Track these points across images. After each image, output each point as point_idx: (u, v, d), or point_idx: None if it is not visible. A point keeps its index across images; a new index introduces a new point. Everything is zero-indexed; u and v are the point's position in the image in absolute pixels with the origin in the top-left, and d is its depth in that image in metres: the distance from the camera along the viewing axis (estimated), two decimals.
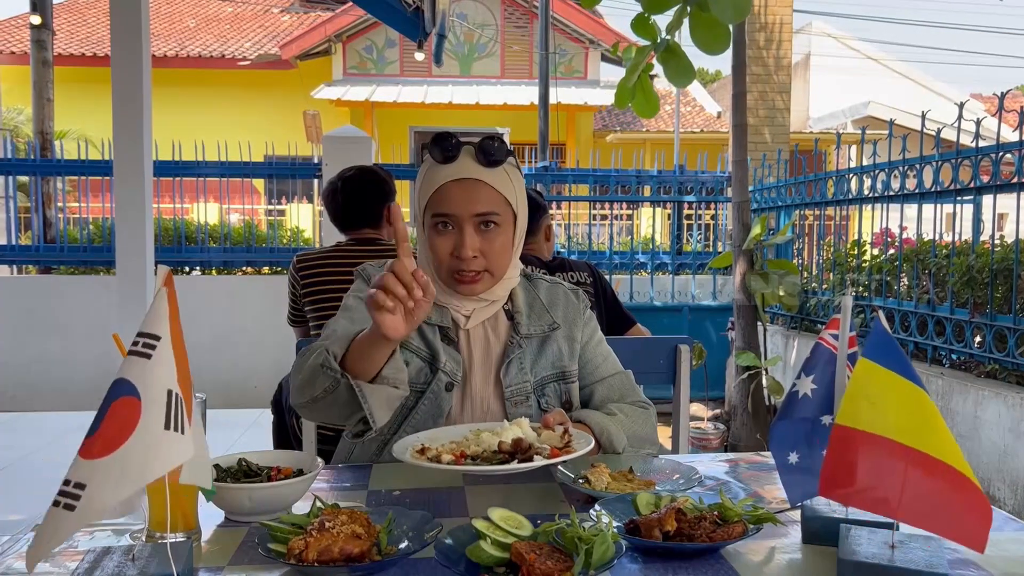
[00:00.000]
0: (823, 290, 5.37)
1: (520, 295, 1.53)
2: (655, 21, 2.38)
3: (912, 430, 0.87)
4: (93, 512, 0.74)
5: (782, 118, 7.68)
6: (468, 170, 1.38)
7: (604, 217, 7.00)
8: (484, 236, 1.39)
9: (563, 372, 1.50)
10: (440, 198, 1.38)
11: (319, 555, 0.88)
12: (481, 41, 13.89)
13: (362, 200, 2.68)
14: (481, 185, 1.38)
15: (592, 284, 2.76)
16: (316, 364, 1.28)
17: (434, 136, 1.39)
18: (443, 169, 1.38)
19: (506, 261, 1.44)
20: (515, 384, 1.45)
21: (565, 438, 1.22)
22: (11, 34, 13.50)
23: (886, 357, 0.89)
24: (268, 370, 5.35)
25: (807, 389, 1.06)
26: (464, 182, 1.38)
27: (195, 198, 6.33)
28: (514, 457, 1.14)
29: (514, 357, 1.46)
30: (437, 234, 1.40)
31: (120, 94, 3.89)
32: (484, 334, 1.49)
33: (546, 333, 1.50)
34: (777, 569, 0.96)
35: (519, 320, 1.50)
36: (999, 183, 3.59)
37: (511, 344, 1.47)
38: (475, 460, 1.16)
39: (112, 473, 0.74)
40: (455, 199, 1.37)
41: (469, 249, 1.37)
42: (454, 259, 1.39)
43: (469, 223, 1.38)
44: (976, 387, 3.57)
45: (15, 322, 5.84)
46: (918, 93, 15.47)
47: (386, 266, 1.18)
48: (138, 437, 0.76)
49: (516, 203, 1.43)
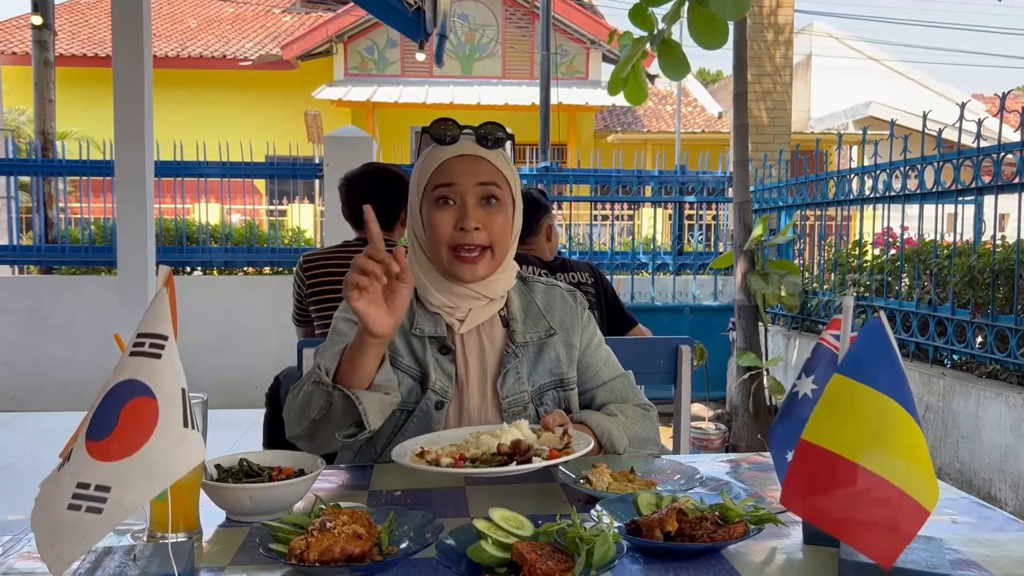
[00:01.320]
0: (824, 290, 5.37)
1: (515, 299, 1.50)
2: (653, 12, 2.38)
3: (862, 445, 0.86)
4: (121, 513, 0.75)
5: (783, 118, 7.68)
6: (469, 148, 1.39)
7: (605, 217, 7.00)
8: (486, 211, 1.38)
9: (561, 379, 1.48)
10: (442, 172, 1.38)
11: (320, 555, 0.88)
12: (482, 41, 13.89)
13: (369, 198, 2.68)
14: (482, 160, 1.39)
15: (593, 284, 2.75)
16: (310, 387, 1.28)
17: (433, 120, 1.40)
18: (443, 149, 1.39)
19: (507, 243, 1.42)
20: (512, 395, 1.43)
21: (565, 439, 1.21)
22: (13, 34, 13.52)
23: (863, 368, 0.88)
24: (269, 370, 5.31)
25: (807, 389, 1.06)
26: (466, 157, 1.39)
27: (196, 198, 6.34)
28: (513, 459, 1.14)
29: (510, 368, 1.44)
30: (438, 209, 1.38)
31: (121, 94, 3.89)
32: (479, 341, 1.46)
33: (543, 339, 1.47)
34: (778, 569, 0.96)
35: (514, 327, 1.46)
36: (1000, 183, 3.59)
37: (507, 353, 1.44)
38: (474, 463, 1.15)
39: (137, 474, 0.75)
40: (458, 170, 1.37)
41: (472, 219, 1.36)
42: (457, 232, 1.37)
43: (472, 194, 1.37)
44: (977, 388, 3.56)
45: (16, 322, 5.85)
46: (919, 93, 15.47)
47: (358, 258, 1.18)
48: (159, 436, 0.77)
49: (513, 187, 1.43)
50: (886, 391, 0.87)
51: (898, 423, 0.86)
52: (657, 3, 2.35)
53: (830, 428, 0.87)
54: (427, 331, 1.43)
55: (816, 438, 0.88)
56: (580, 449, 1.18)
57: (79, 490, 0.76)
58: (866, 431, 0.86)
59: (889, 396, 0.86)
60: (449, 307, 1.43)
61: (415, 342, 1.43)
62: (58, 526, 0.76)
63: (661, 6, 2.35)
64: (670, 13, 2.32)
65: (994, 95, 3.29)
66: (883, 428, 0.86)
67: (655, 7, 2.36)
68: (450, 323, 1.44)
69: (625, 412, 1.46)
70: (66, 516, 0.75)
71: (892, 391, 0.87)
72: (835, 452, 0.87)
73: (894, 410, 0.86)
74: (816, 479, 0.88)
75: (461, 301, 1.43)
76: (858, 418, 0.87)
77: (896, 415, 0.86)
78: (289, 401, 1.35)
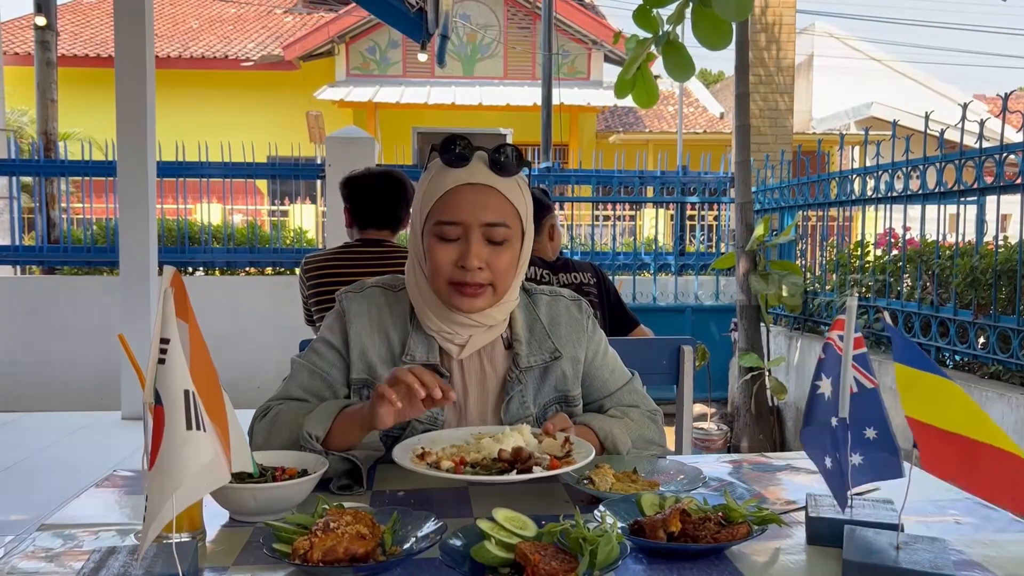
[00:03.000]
0: (826, 291, 5.36)
1: (519, 318, 1.41)
2: (657, 13, 2.37)
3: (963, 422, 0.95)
4: (158, 522, 0.77)
5: (785, 119, 7.68)
6: (479, 175, 1.29)
7: (607, 218, 7.00)
8: (491, 250, 1.29)
9: (566, 396, 1.43)
10: (448, 203, 1.28)
11: (324, 555, 0.88)
12: (484, 42, 13.89)
13: (369, 200, 2.68)
14: (493, 192, 1.29)
15: (595, 285, 2.75)
16: (291, 437, 1.26)
17: (445, 138, 1.29)
18: (452, 173, 1.29)
19: (510, 280, 1.33)
20: (516, 419, 1.37)
21: (566, 447, 1.20)
22: (15, 35, 13.53)
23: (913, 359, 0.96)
24: (271, 370, 5.35)
25: (829, 391, 1.04)
26: (475, 187, 1.28)
27: (198, 199, 6.34)
28: (513, 467, 1.13)
29: (514, 394, 1.37)
30: (439, 242, 1.29)
31: (124, 95, 3.90)
32: (479, 365, 1.39)
33: (547, 363, 1.40)
34: (781, 570, 0.96)
35: (518, 350, 1.39)
36: (1003, 184, 3.59)
37: (510, 380, 1.38)
38: (475, 467, 1.14)
39: (157, 482, 0.78)
40: (464, 205, 1.27)
41: (475, 258, 1.27)
42: (457, 269, 1.28)
43: (477, 231, 1.28)
44: (980, 388, 3.56)
45: (19, 322, 5.85)
46: (921, 94, 15.45)
47: (412, 368, 1.16)
48: (167, 442, 0.78)
49: (525, 218, 1.34)
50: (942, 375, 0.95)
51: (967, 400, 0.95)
52: (662, 4, 2.34)
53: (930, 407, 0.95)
54: (418, 357, 1.35)
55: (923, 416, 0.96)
56: (581, 459, 1.17)
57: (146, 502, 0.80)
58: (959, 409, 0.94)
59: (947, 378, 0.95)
60: (447, 332, 1.35)
61: None
62: None
63: (665, 7, 2.35)
64: (674, 14, 2.31)
65: (996, 96, 3.29)
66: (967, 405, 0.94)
67: (659, 8, 2.35)
68: (447, 348, 1.37)
69: (630, 414, 1.45)
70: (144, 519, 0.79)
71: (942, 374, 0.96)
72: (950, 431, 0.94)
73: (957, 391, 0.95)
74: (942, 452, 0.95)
75: (460, 328, 1.35)
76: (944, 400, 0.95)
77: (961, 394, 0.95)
78: (260, 431, 1.33)
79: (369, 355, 1.37)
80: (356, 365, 1.37)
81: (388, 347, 1.37)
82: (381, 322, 1.38)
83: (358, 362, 1.37)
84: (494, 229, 1.29)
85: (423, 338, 1.36)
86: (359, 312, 1.39)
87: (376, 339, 1.37)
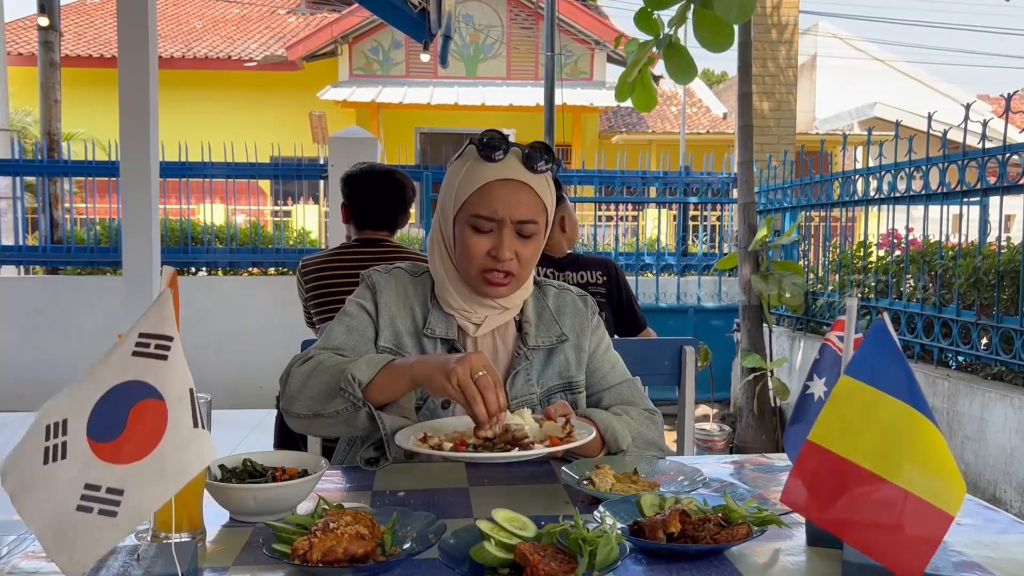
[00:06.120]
0: (829, 292, 5.35)
1: (530, 304, 1.51)
2: (659, 16, 2.37)
3: (879, 454, 0.84)
4: (137, 517, 0.75)
5: (788, 119, 7.67)
6: (514, 172, 1.37)
7: (610, 218, 7.00)
8: (521, 242, 1.39)
9: (570, 382, 1.50)
10: (483, 198, 1.37)
11: (323, 556, 0.88)
12: (487, 42, 13.89)
13: (369, 200, 2.67)
14: (526, 189, 1.38)
15: (605, 283, 2.72)
16: (331, 383, 1.28)
17: (483, 133, 1.37)
18: (488, 167, 1.37)
19: (532, 267, 1.45)
20: (521, 396, 1.44)
21: (567, 428, 1.23)
22: (19, 35, 13.56)
23: (872, 372, 0.85)
24: (273, 370, 5.31)
25: (820, 392, 1.05)
26: (510, 183, 1.37)
27: (201, 199, 6.35)
28: (515, 446, 1.16)
29: (520, 369, 1.45)
30: (474, 233, 1.38)
31: (127, 95, 3.90)
32: (493, 343, 1.48)
33: (554, 345, 1.49)
34: (781, 571, 0.96)
35: (527, 331, 1.48)
36: (1006, 184, 3.58)
37: (518, 355, 1.46)
38: (476, 448, 1.17)
39: (150, 477, 0.76)
40: (500, 200, 1.36)
41: (508, 251, 1.36)
42: (489, 258, 1.38)
43: (510, 226, 1.37)
44: (982, 389, 3.55)
45: (22, 322, 5.87)
46: (924, 94, 15.42)
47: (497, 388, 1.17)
48: (170, 438, 0.77)
49: (550, 212, 1.45)
50: (897, 395, 0.84)
51: (911, 427, 0.83)
52: (662, 7, 2.34)
53: (839, 431, 0.85)
54: (439, 332, 1.43)
55: (824, 441, 0.86)
56: (582, 438, 1.19)
57: (88, 491, 0.75)
58: (877, 437, 0.84)
59: (900, 399, 0.84)
60: (466, 311, 1.44)
61: (426, 343, 1.44)
62: (69, 528, 0.75)
63: (667, 10, 2.35)
64: (676, 17, 2.31)
65: (999, 96, 3.28)
66: (895, 433, 0.83)
67: (660, 11, 2.35)
68: (464, 326, 1.45)
69: (630, 413, 1.48)
70: (77, 518, 0.75)
71: (903, 394, 0.84)
72: (845, 457, 0.84)
73: (906, 414, 0.83)
74: (824, 482, 0.85)
75: (479, 308, 1.44)
76: (869, 423, 0.84)
77: (909, 419, 0.83)
78: (298, 375, 1.35)
79: (397, 324, 1.44)
80: (384, 333, 1.43)
81: (412, 321, 1.45)
82: (407, 297, 1.47)
83: (386, 330, 1.44)
84: (525, 225, 1.38)
85: (443, 315, 1.45)
86: (387, 286, 1.47)
87: (403, 311, 1.45)
